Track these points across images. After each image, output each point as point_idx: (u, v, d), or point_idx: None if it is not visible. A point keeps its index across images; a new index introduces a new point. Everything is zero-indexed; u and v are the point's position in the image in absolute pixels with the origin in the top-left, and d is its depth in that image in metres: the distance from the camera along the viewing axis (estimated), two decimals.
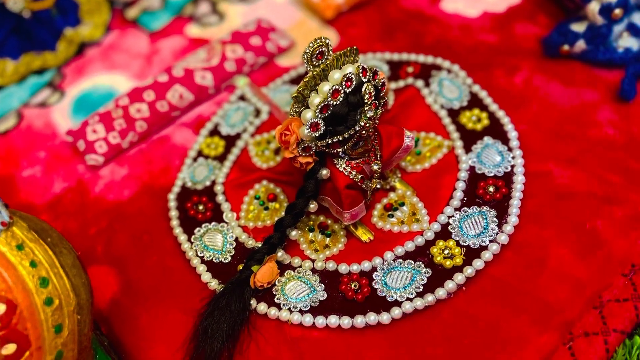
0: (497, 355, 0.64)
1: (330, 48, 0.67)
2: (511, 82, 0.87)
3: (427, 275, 0.70)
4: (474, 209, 0.74)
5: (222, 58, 0.97)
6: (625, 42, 0.86)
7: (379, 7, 1.03)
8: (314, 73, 0.67)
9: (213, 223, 0.80)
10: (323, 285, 0.71)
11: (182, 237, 0.79)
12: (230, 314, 0.69)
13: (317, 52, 0.66)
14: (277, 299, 0.71)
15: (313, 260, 0.74)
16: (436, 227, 0.74)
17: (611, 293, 0.67)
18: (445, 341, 0.66)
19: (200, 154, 0.89)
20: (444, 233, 0.73)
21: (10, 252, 0.58)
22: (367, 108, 0.67)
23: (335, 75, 0.66)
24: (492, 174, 0.77)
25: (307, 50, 0.66)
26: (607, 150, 0.78)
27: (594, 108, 0.83)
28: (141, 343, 0.72)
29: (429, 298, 0.68)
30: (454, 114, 0.84)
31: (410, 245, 0.72)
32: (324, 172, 0.71)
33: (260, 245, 0.74)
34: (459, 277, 0.69)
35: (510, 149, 0.79)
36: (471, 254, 0.71)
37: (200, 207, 0.81)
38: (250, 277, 0.71)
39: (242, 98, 0.95)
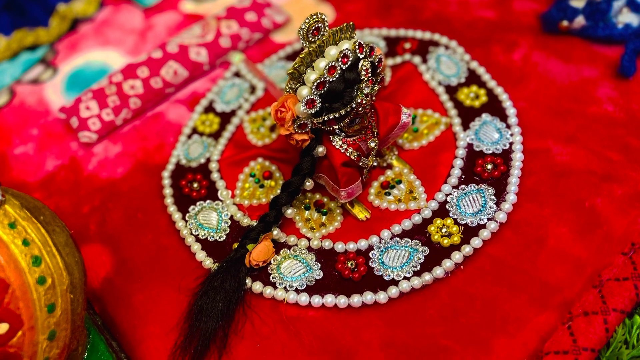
0: (496, 335, 0.64)
1: (327, 24, 0.66)
2: (510, 58, 0.87)
3: (425, 254, 0.69)
4: (472, 187, 0.74)
5: (217, 34, 0.96)
6: (625, 17, 0.86)
7: None
8: (310, 49, 0.66)
9: (208, 201, 0.79)
10: (319, 264, 0.71)
11: (177, 216, 0.78)
12: (225, 293, 0.68)
13: (313, 28, 0.66)
14: (273, 278, 0.71)
15: (309, 239, 0.73)
16: (434, 205, 0.73)
17: (611, 272, 0.67)
18: (442, 321, 0.66)
19: (194, 131, 0.88)
20: (442, 211, 0.73)
21: (2, 231, 0.58)
22: (363, 85, 0.66)
23: (332, 52, 0.66)
24: (490, 152, 0.76)
25: (303, 26, 0.65)
26: (607, 128, 0.77)
27: (594, 85, 0.82)
28: (135, 322, 0.72)
29: (427, 277, 0.67)
30: (451, 90, 0.84)
31: (407, 224, 0.72)
32: (320, 150, 0.70)
33: (255, 224, 0.74)
34: (457, 256, 0.68)
35: (508, 126, 0.78)
36: (469, 232, 0.70)
37: (195, 185, 0.81)
38: (246, 255, 0.70)
39: (237, 74, 0.94)
